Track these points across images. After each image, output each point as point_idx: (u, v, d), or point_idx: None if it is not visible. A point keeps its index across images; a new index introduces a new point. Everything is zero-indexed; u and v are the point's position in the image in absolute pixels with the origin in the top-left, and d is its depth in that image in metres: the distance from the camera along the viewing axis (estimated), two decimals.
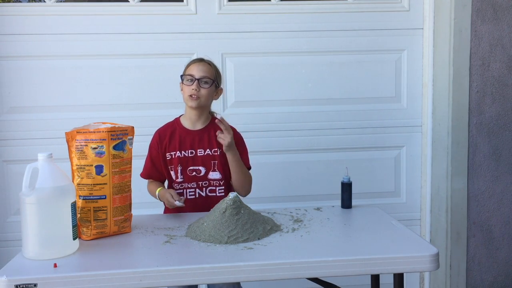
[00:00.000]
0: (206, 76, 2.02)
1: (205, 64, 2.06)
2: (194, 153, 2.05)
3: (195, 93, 2.00)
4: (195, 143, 2.06)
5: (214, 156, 2.05)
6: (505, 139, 2.71)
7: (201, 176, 2.05)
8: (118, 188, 1.67)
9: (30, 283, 1.34)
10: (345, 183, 2.02)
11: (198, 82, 2.00)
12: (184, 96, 2.05)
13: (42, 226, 1.47)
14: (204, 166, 2.05)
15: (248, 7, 2.66)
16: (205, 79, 2.02)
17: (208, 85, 2.03)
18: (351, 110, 2.76)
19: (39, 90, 2.57)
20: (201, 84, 2.01)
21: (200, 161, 2.04)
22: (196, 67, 2.04)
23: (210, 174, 2.05)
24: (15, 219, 2.54)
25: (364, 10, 2.72)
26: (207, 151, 2.05)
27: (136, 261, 1.47)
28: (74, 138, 1.64)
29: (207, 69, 2.05)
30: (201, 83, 2.01)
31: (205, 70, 2.04)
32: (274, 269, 1.44)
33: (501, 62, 2.65)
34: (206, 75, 2.03)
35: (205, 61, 2.08)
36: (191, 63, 2.08)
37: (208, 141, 2.06)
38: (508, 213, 2.76)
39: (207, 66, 2.06)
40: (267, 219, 1.78)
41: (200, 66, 2.04)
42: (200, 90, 2.01)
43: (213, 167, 2.05)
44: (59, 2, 2.60)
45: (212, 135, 2.06)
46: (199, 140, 2.06)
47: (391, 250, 1.53)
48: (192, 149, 2.05)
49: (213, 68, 2.08)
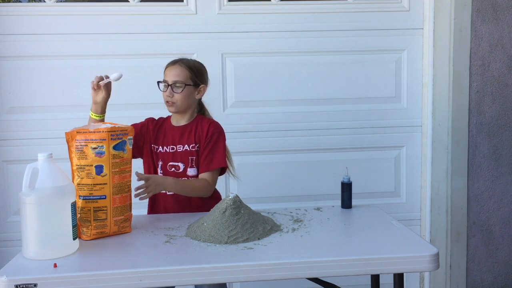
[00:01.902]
0: (177, 80, 2.00)
1: (177, 68, 2.03)
2: (174, 149, 2.04)
3: (170, 99, 2.01)
4: (176, 139, 2.05)
5: (192, 152, 2.03)
6: (505, 139, 2.71)
7: (179, 172, 2.03)
8: (118, 188, 1.67)
9: (30, 283, 1.34)
10: (345, 183, 2.02)
11: (171, 88, 2.00)
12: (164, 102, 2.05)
13: (42, 226, 1.47)
14: (183, 162, 2.03)
15: (248, 7, 2.66)
16: (178, 84, 2.00)
17: (180, 89, 2.00)
18: (351, 110, 2.76)
19: (39, 90, 2.57)
20: (174, 89, 2.00)
21: (179, 157, 2.03)
22: (169, 71, 2.03)
23: (188, 171, 2.03)
24: (15, 219, 2.54)
25: (364, 10, 2.72)
26: (186, 146, 2.03)
27: (136, 261, 1.46)
28: (74, 138, 1.64)
29: (179, 72, 2.02)
30: (173, 88, 2.00)
31: (177, 74, 2.01)
32: (274, 269, 1.44)
33: (501, 62, 2.66)
34: (177, 79, 2.00)
35: (178, 64, 2.04)
36: (166, 67, 2.06)
37: (187, 137, 2.05)
38: (508, 213, 2.76)
39: (180, 69, 2.02)
40: (267, 219, 1.78)
41: (172, 70, 2.02)
42: (174, 96, 2.00)
43: (191, 163, 2.03)
44: (59, 2, 2.60)
45: (193, 131, 2.05)
46: (180, 136, 2.05)
47: (391, 250, 1.53)
48: (173, 145, 2.04)
49: (187, 69, 2.03)
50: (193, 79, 2.04)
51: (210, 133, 2.04)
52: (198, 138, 2.04)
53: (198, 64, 2.10)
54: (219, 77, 2.67)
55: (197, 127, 2.06)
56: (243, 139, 2.70)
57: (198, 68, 2.08)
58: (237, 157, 2.71)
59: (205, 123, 2.07)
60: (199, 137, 2.05)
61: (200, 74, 2.08)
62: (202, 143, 2.04)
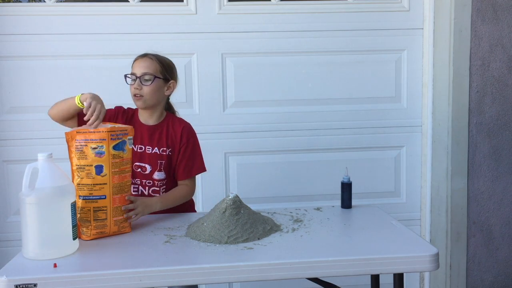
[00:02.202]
0: (147, 72, 1.92)
1: (146, 60, 1.95)
2: (143, 149, 1.97)
3: (138, 92, 1.92)
4: (145, 139, 1.97)
5: (162, 155, 1.96)
6: (505, 139, 2.71)
7: (146, 174, 1.96)
8: (118, 188, 1.67)
9: (30, 283, 1.34)
10: (345, 183, 2.02)
11: (139, 80, 1.91)
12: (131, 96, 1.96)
13: (42, 226, 1.47)
14: (150, 165, 1.96)
15: (248, 7, 2.66)
16: (147, 76, 1.92)
17: (150, 81, 1.92)
18: (351, 110, 2.76)
19: (39, 90, 2.57)
20: (142, 82, 1.91)
21: (147, 158, 1.96)
22: (137, 64, 1.95)
23: (155, 174, 1.96)
24: (15, 219, 2.54)
25: (364, 10, 2.72)
26: (155, 149, 1.96)
27: (136, 261, 1.46)
28: (74, 138, 1.64)
29: (149, 65, 1.94)
30: (142, 80, 1.91)
31: (146, 66, 1.93)
32: (274, 269, 1.44)
33: (501, 62, 2.66)
34: (147, 71, 1.92)
35: (147, 56, 1.96)
36: (134, 60, 1.98)
37: (158, 140, 1.97)
38: (508, 213, 2.76)
39: (149, 61, 1.95)
40: (267, 219, 1.78)
41: (141, 62, 1.94)
42: (143, 88, 1.92)
43: (159, 166, 1.96)
44: (59, 2, 2.60)
45: (164, 133, 1.98)
46: (149, 137, 1.97)
47: (391, 250, 1.53)
48: (142, 145, 1.97)
49: (157, 62, 1.96)
50: (163, 73, 1.97)
51: (185, 139, 1.99)
52: (171, 142, 1.98)
53: (168, 59, 2.03)
54: (219, 77, 2.67)
55: (169, 129, 1.99)
56: (243, 139, 2.70)
57: (168, 63, 2.02)
58: (237, 157, 2.72)
59: (177, 126, 2.00)
60: (172, 142, 1.98)
61: (170, 69, 2.01)
62: (176, 149, 1.98)
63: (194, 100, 2.67)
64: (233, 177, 2.73)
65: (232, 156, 2.72)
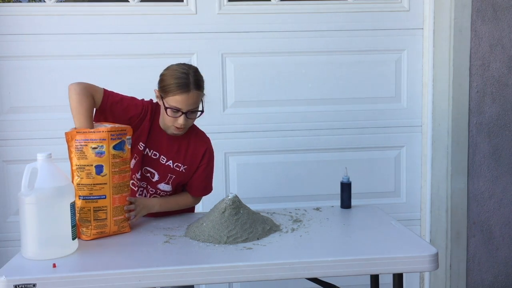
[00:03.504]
0: (194, 108, 1.81)
1: (193, 95, 1.77)
2: (157, 156, 1.89)
3: (182, 126, 1.81)
4: (162, 147, 1.89)
5: (175, 170, 1.90)
6: (505, 139, 2.71)
7: (152, 181, 1.91)
8: (118, 188, 1.67)
9: (29, 283, 1.34)
10: (345, 183, 2.02)
11: (185, 116, 1.79)
12: (165, 123, 1.84)
13: (41, 226, 1.47)
14: (159, 175, 1.90)
15: (248, 7, 2.66)
16: (193, 110, 1.81)
17: (195, 114, 1.83)
18: (351, 110, 2.76)
19: (39, 90, 2.57)
20: (188, 116, 1.80)
21: (158, 167, 1.90)
22: (185, 100, 1.76)
23: (161, 185, 1.92)
24: (14, 219, 2.54)
25: (364, 10, 2.72)
26: (170, 162, 1.90)
27: (136, 261, 1.46)
28: (73, 138, 1.64)
29: (196, 100, 1.80)
30: (188, 115, 1.80)
31: (194, 102, 1.79)
32: (274, 269, 1.44)
33: (501, 62, 2.65)
34: (194, 107, 1.80)
35: (192, 90, 1.77)
36: (177, 90, 1.75)
37: (176, 152, 1.90)
38: (508, 213, 2.76)
39: (196, 96, 1.79)
40: (266, 219, 1.78)
41: (190, 99, 1.77)
42: (188, 122, 1.82)
43: (168, 180, 1.91)
44: (59, 2, 2.60)
45: (184, 148, 1.90)
46: (167, 147, 1.89)
47: (391, 250, 1.53)
48: (157, 152, 1.89)
49: (201, 92, 1.83)
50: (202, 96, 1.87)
51: (206, 160, 1.94)
52: (190, 160, 1.92)
53: (200, 75, 1.86)
54: (219, 77, 2.67)
55: (190, 146, 1.92)
56: (243, 139, 2.70)
57: (203, 82, 1.86)
58: (237, 157, 2.72)
59: (200, 145, 1.94)
60: (191, 160, 1.92)
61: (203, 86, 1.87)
62: (193, 167, 1.93)
63: None
64: (233, 177, 2.73)
65: (232, 156, 2.72)
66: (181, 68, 1.82)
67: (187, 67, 1.84)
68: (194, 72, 1.83)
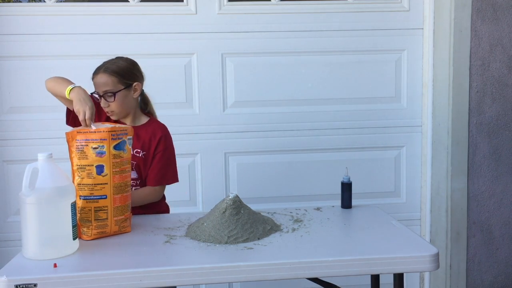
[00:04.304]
0: (106, 90, 1.90)
1: (102, 77, 1.91)
2: None
3: (108, 109, 1.93)
4: None
5: (135, 156, 1.96)
6: (505, 139, 2.71)
7: None
8: (118, 188, 1.67)
9: (30, 283, 1.34)
10: (345, 183, 2.02)
11: (104, 98, 1.91)
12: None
13: (42, 226, 1.47)
14: None
15: (248, 7, 2.66)
16: (108, 93, 1.91)
17: (112, 98, 1.91)
18: (351, 110, 2.76)
19: (39, 90, 2.55)
20: (107, 99, 1.91)
21: None
22: (95, 82, 1.93)
23: None
24: (15, 219, 2.54)
25: (364, 10, 2.72)
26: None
27: (136, 261, 1.46)
28: (74, 138, 1.64)
29: (105, 81, 1.91)
30: (106, 98, 1.91)
31: (103, 84, 1.91)
32: (274, 269, 1.44)
33: (501, 62, 2.66)
34: (106, 88, 1.91)
35: (101, 72, 1.92)
36: (92, 77, 1.94)
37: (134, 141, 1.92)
38: (508, 213, 2.76)
39: (105, 77, 1.91)
40: (267, 219, 1.78)
41: (98, 80, 1.91)
42: (110, 105, 1.92)
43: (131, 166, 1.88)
44: (59, 2, 2.60)
45: (141, 135, 1.98)
46: None
47: (391, 250, 1.53)
48: None
49: (111, 75, 1.92)
50: (123, 82, 1.94)
51: (162, 146, 2.00)
52: (148, 146, 1.99)
53: (123, 63, 1.98)
54: (219, 77, 2.67)
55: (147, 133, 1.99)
56: (243, 139, 2.70)
57: (124, 68, 1.96)
58: (237, 157, 2.72)
59: (156, 133, 2.00)
60: (148, 146, 1.99)
61: (128, 73, 1.96)
62: (150, 152, 1.99)
63: (194, 100, 2.67)
64: (233, 177, 2.73)
65: (232, 156, 2.72)
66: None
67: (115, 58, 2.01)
68: (115, 60, 1.99)
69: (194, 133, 2.67)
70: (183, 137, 2.60)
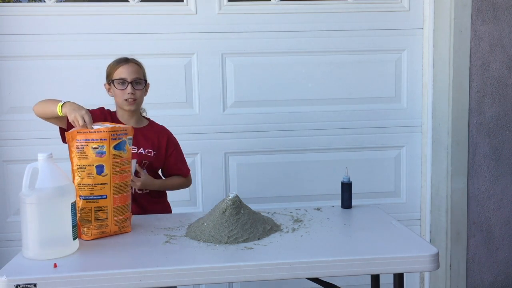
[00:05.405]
0: (138, 77, 2.01)
1: (133, 65, 2.03)
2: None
3: (132, 96, 1.99)
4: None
5: (147, 156, 2.04)
6: (505, 139, 2.71)
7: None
8: (118, 188, 1.67)
9: (30, 283, 1.34)
10: (345, 183, 2.02)
11: (131, 85, 1.99)
12: (119, 101, 2.02)
13: (42, 226, 1.47)
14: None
15: (248, 7, 2.66)
16: (138, 80, 2.01)
17: (141, 86, 2.03)
18: (351, 110, 2.76)
19: (39, 90, 2.57)
20: (135, 86, 2.00)
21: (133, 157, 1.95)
22: (125, 69, 2.00)
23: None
24: (15, 219, 2.54)
25: (364, 10, 2.72)
26: (140, 150, 2.04)
27: (136, 261, 1.46)
28: (74, 138, 1.64)
29: (137, 69, 2.03)
30: (134, 85, 2.00)
31: (135, 71, 2.02)
32: (274, 269, 1.44)
33: (501, 62, 2.66)
34: (137, 76, 2.01)
35: (132, 61, 2.05)
36: (117, 65, 2.02)
37: (143, 141, 2.05)
38: (508, 213, 2.76)
39: (136, 66, 2.04)
40: (267, 219, 1.78)
41: (130, 67, 2.01)
42: (136, 93, 2.00)
43: (143, 166, 2.04)
44: (59, 2, 2.60)
45: (148, 136, 2.07)
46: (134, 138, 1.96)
47: (391, 250, 1.53)
48: None
49: (141, 66, 2.07)
50: (145, 77, 2.08)
51: (173, 143, 2.13)
52: (157, 146, 2.08)
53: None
54: (219, 77, 2.67)
55: (154, 134, 2.09)
56: (243, 139, 2.70)
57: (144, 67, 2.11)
58: (237, 157, 2.72)
59: (163, 135, 2.12)
60: (158, 146, 2.08)
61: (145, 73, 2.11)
62: (161, 153, 2.09)
63: (194, 100, 2.67)
64: (233, 177, 2.73)
65: (232, 156, 2.72)
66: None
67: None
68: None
69: (194, 133, 2.67)
70: (183, 137, 2.58)
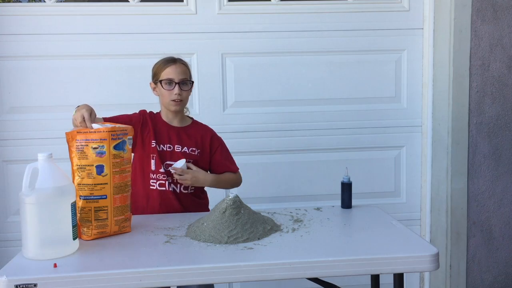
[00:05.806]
0: (185, 78, 2.03)
1: (181, 65, 2.04)
2: (172, 148, 2.04)
3: (179, 97, 2.00)
4: (172, 139, 2.05)
5: (191, 155, 2.05)
6: (505, 139, 2.71)
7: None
8: (118, 188, 1.67)
9: (30, 283, 1.34)
10: (345, 183, 2.02)
11: (179, 86, 2.00)
12: (165, 101, 2.04)
13: (42, 226, 1.47)
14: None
15: (248, 7, 2.66)
16: (185, 81, 2.02)
17: (188, 87, 2.04)
18: (351, 110, 2.76)
19: (39, 90, 2.57)
20: (182, 87, 2.01)
21: (176, 157, 2.03)
22: (173, 70, 2.01)
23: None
24: (15, 219, 2.54)
25: (364, 10, 2.72)
26: (185, 148, 2.05)
27: (136, 261, 1.46)
28: (74, 138, 1.64)
29: (185, 70, 2.04)
30: (181, 86, 2.01)
31: (183, 72, 2.03)
32: (274, 269, 1.44)
33: (501, 62, 2.66)
34: (185, 77, 2.03)
35: (180, 62, 2.06)
36: (165, 65, 2.03)
37: (187, 140, 2.07)
38: (508, 213, 2.76)
39: (184, 67, 2.05)
40: (267, 219, 1.78)
41: (178, 68, 2.02)
42: (182, 93, 2.01)
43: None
44: (59, 2, 2.60)
45: (192, 135, 2.08)
46: (177, 137, 2.06)
47: (391, 250, 1.53)
48: (170, 145, 2.04)
49: (187, 67, 2.08)
50: (191, 77, 2.09)
51: (217, 141, 2.14)
52: (201, 145, 2.08)
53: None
54: (219, 77, 2.67)
55: (198, 133, 2.10)
56: (243, 139, 2.70)
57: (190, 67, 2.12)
58: (237, 157, 2.71)
59: (207, 134, 2.13)
60: (202, 144, 2.09)
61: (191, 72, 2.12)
62: (206, 151, 2.10)
63: (194, 100, 2.67)
64: None
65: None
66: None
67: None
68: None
69: None
70: None
